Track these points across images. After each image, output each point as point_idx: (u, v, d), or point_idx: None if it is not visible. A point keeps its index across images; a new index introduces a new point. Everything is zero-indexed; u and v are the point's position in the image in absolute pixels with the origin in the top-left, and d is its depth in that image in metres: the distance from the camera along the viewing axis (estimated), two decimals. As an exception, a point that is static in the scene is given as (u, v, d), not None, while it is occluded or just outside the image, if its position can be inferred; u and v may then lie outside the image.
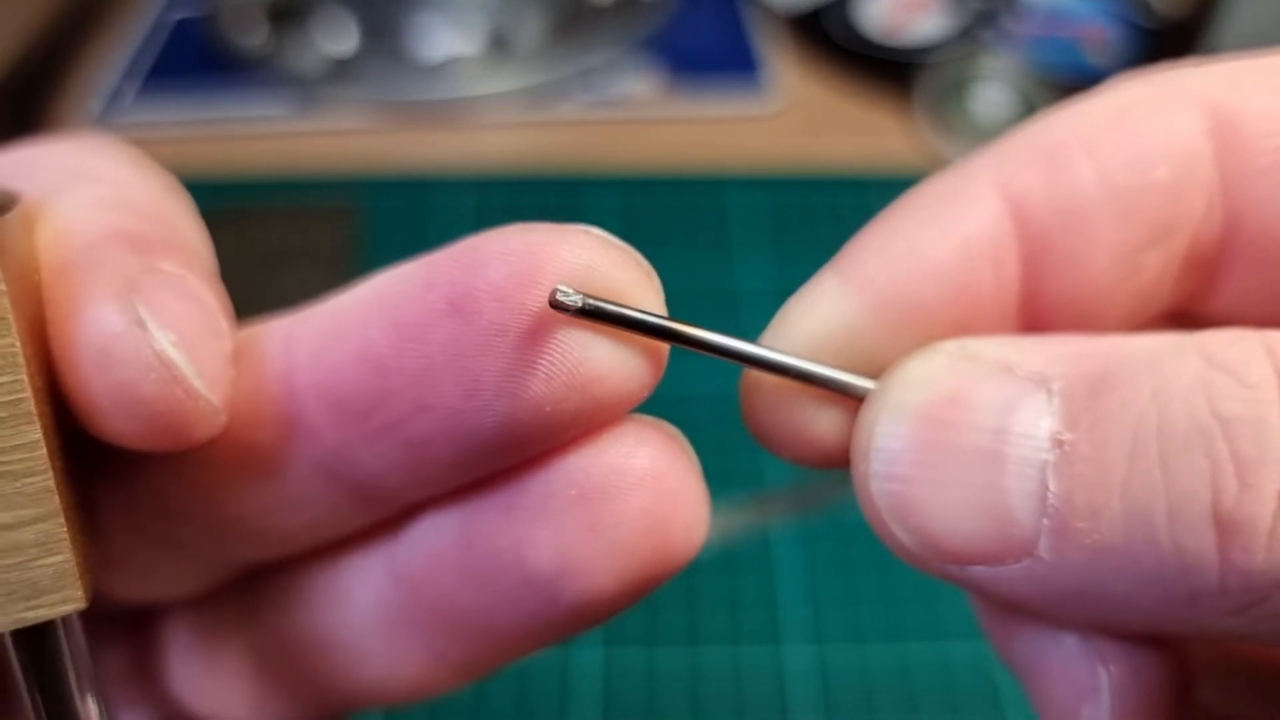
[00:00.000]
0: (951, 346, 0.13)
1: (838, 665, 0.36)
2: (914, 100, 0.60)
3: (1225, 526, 0.10)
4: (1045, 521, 0.11)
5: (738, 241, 0.52)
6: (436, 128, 0.61)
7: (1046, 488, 0.11)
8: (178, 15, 0.71)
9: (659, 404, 0.15)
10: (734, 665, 0.36)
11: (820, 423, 0.15)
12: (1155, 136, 0.13)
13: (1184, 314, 0.15)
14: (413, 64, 0.64)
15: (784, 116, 0.63)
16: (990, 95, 0.60)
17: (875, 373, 0.14)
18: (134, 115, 0.62)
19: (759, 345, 0.15)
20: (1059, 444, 0.12)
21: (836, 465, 0.15)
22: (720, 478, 0.42)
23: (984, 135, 0.59)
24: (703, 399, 0.45)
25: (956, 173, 0.14)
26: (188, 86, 0.64)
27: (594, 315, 0.13)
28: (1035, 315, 0.15)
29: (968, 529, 0.12)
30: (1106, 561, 0.11)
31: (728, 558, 0.39)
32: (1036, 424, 0.12)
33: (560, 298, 0.13)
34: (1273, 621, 0.11)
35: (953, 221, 0.14)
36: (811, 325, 0.15)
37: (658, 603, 0.38)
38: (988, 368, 0.13)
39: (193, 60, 0.67)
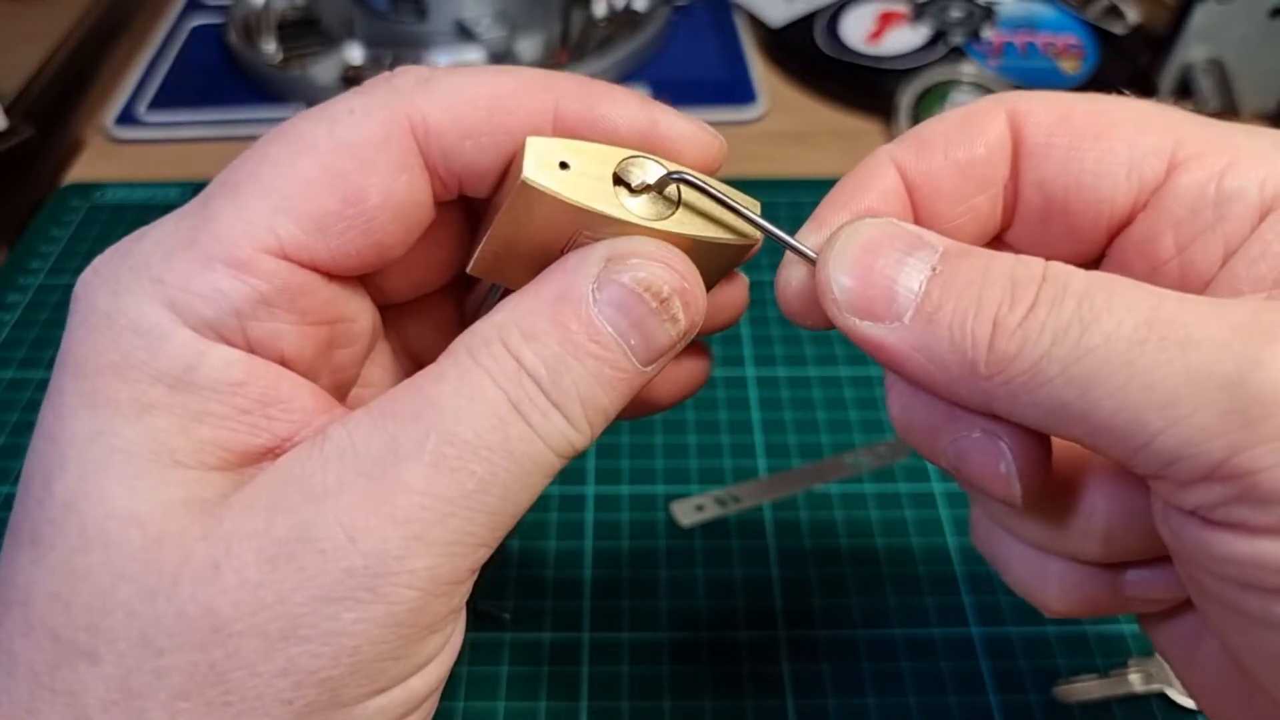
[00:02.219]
0: (890, 218, 0.21)
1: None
2: (894, 106, 0.61)
3: (996, 325, 0.18)
4: (913, 304, 0.19)
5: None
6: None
7: (920, 289, 0.19)
8: (193, 23, 0.71)
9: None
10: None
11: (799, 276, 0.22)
12: (980, 129, 0.22)
13: (1002, 240, 0.23)
14: (418, 72, 0.64)
15: (773, 123, 0.63)
16: (966, 102, 0.60)
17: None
18: (150, 120, 0.62)
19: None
20: (934, 270, 0.19)
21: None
22: (713, 477, 0.42)
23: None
24: (693, 401, 0.45)
25: (869, 160, 0.22)
26: (203, 93, 0.64)
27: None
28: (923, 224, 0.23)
29: (874, 296, 0.19)
30: (937, 333, 0.18)
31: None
32: (926, 260, 0.19)
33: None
34: (1009, 387, 0.18)
35: (873, 184, 0.22)
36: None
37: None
38: (910, 230, 0.20)
39: (208, 67, 0.67)
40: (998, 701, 0.35)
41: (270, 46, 0.67)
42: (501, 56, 0.65)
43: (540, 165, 0.20)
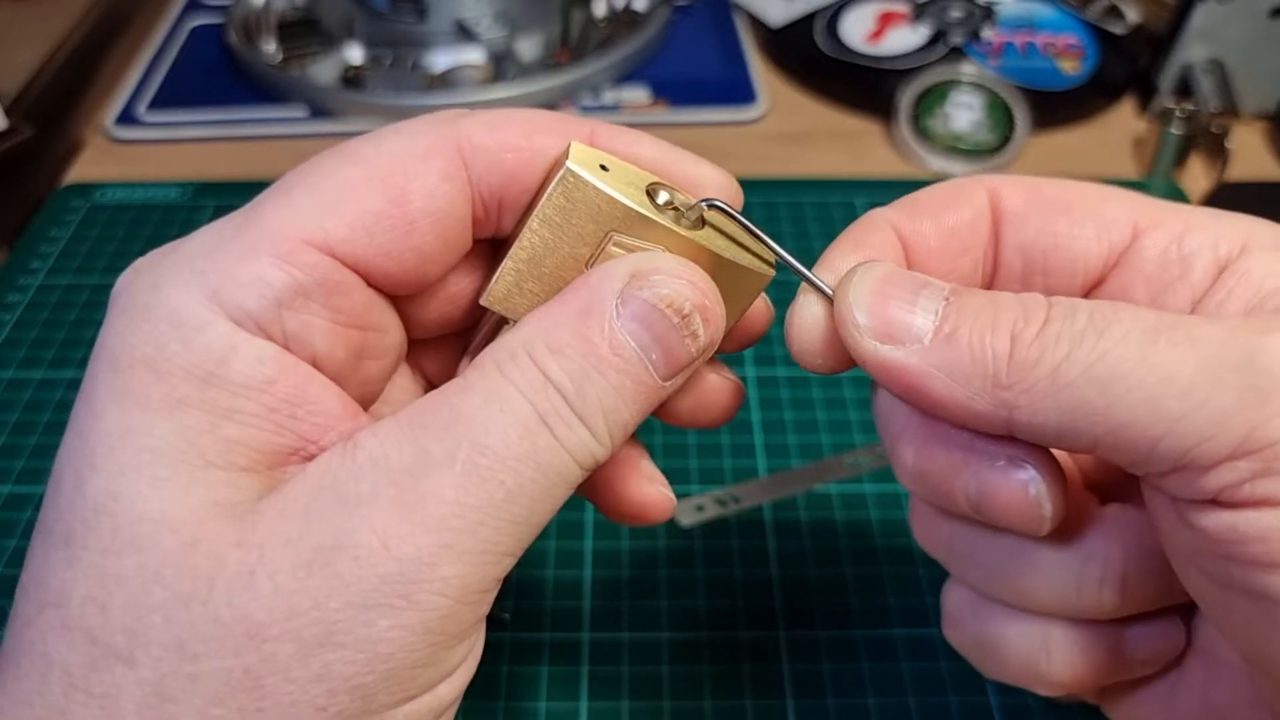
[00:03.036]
0: (895, 264, 0.23)
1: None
2: (894, 107, 0.61)
3: (1014, 339, 0.19)
4: (932, 326, 0.20)
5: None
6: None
7: (939, 314, 0.20)
8: (193, 23, 0.71)
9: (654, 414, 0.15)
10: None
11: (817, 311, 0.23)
12: (966, 198, 0.23)
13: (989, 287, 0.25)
14: (421, 73, 0.64)
15: (773, 123, 0.63)
16: (966, 101, 0.60)
17: None
18: (150, 120, 0.62)
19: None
20: (947, 299, 0.20)
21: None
22: (713, 477, 0.42)
23: (959, 140, 0.59)
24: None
25: (866, 219, 0.23)
26: (203, 93, 0.64)
27: None
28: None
29: (892, 321, 0.20)
30: (958, 350, 0.19)
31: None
32: (938, 292, 0.20)
33: None
34: (1031, 394, 0.19)
35: (871, 239, 0.23)
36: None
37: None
38: (918, 274, 0.22)
39: (208, 67, 0.67)
40: (998, 702, 0.34)
41: (270, 46, 0.67)
42: (501, 56, 0.65)
43: (583, 163, 0.21)
